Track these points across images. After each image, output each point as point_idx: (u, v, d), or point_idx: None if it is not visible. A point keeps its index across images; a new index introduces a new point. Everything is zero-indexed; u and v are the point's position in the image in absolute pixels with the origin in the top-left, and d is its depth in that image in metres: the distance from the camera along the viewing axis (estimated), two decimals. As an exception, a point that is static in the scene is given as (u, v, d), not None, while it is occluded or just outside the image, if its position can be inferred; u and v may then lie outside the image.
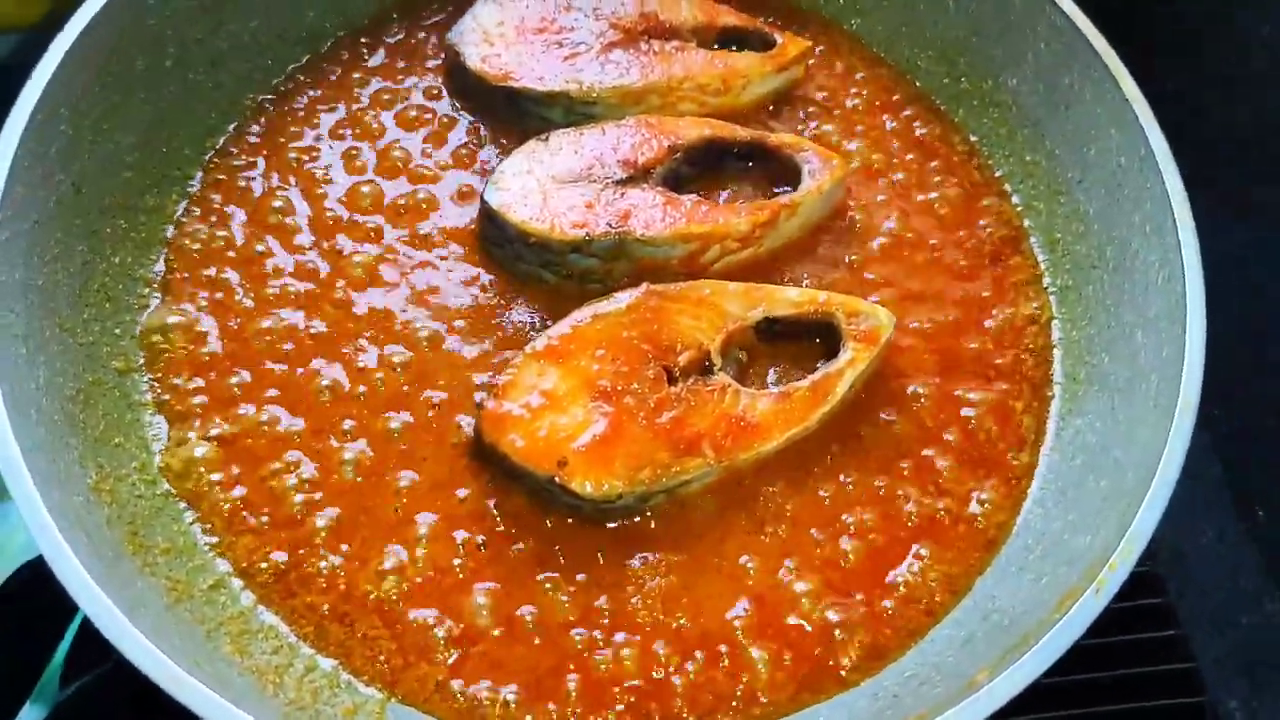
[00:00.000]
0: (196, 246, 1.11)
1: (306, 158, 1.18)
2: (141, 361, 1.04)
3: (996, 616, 0.93)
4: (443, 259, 1.12)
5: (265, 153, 1.18)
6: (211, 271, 1.10)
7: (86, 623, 1.14)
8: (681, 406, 0.99)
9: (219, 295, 1.08)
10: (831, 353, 1.05)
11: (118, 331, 1.05)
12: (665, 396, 1.00)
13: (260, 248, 1.11)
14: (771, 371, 1.07)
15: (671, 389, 1.00)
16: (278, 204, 1.14)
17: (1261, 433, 1.42)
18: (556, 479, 0.95)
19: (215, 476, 0.99)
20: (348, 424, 1.02)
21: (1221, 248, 1.39)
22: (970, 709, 0.78)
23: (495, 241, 1.11)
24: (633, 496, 0.96)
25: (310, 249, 1.12)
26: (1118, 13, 1.15)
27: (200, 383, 1.03)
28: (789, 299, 1.06)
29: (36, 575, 1.13)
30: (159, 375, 1.03)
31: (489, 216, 1.09)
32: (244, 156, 1.18)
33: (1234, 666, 1.32)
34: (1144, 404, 0.96)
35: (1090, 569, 0.85)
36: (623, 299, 1.05)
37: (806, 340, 1.07)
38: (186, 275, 1.09)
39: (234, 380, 1.04)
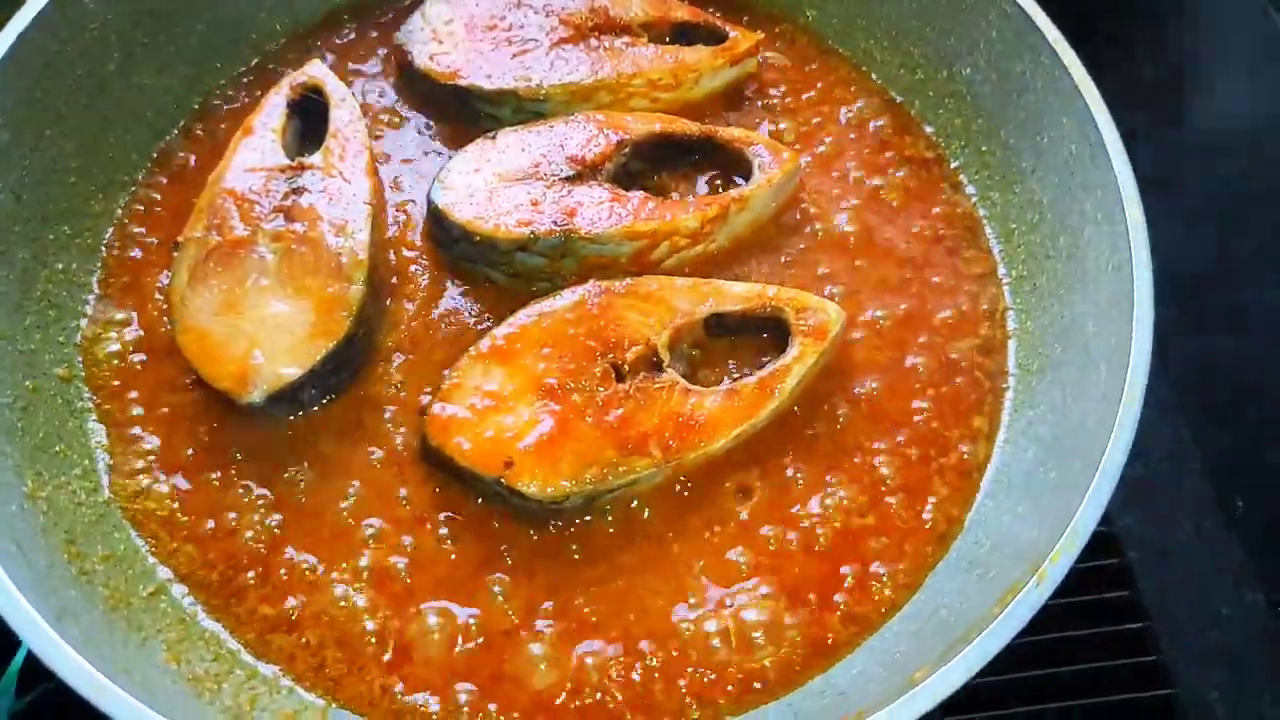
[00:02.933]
0: (139, 252, 1.10)
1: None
2: (83, 369, 1.03)
3: (944, 612, 0.92)
4: (391, 259, 1.11)
5: (211, 154, 1.17)
6: (156, 275, 1.09)
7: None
8: (629, 404, 0.98)
9: (160, 299, 1.07)
10: (781, 348, 1.04)
11: (61, 339, 1.04)
12: (613, 394, 0.99)
13: (206, 251, 1.10)
14: (726, 367, 1.05)
15: (620, 386, 0.99)
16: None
17: (1241, 425, 1.41)
18: (503, 480, 0.94)
19: (160, 486, 0.99)
20: (291, 431, 1.01)
21: (1201, 241, 1.39)
22: (905, 707, 0.77)
23: (442, 242, 1.10)
24: (580, 497, 0.95)
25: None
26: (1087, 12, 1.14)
27: (140, 392, 1.02)
28: (737, 294, 1.05)
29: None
30: (101, 382, 1.03)
31: (435, 216, 1.08)
32: (191, 158, 1.17)
33: (1215, 658, 1.31)
34: (1094, 394, 0.94)
35: (1034, 563, 0.84)
36: (568, 296, 1.04)
37: (756, 336, 1.06)
38: (128, 280, 1.08)
39: (176, 387, 1.03)
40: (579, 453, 0.96)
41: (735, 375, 1.04)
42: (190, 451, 1.00)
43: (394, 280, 1.09)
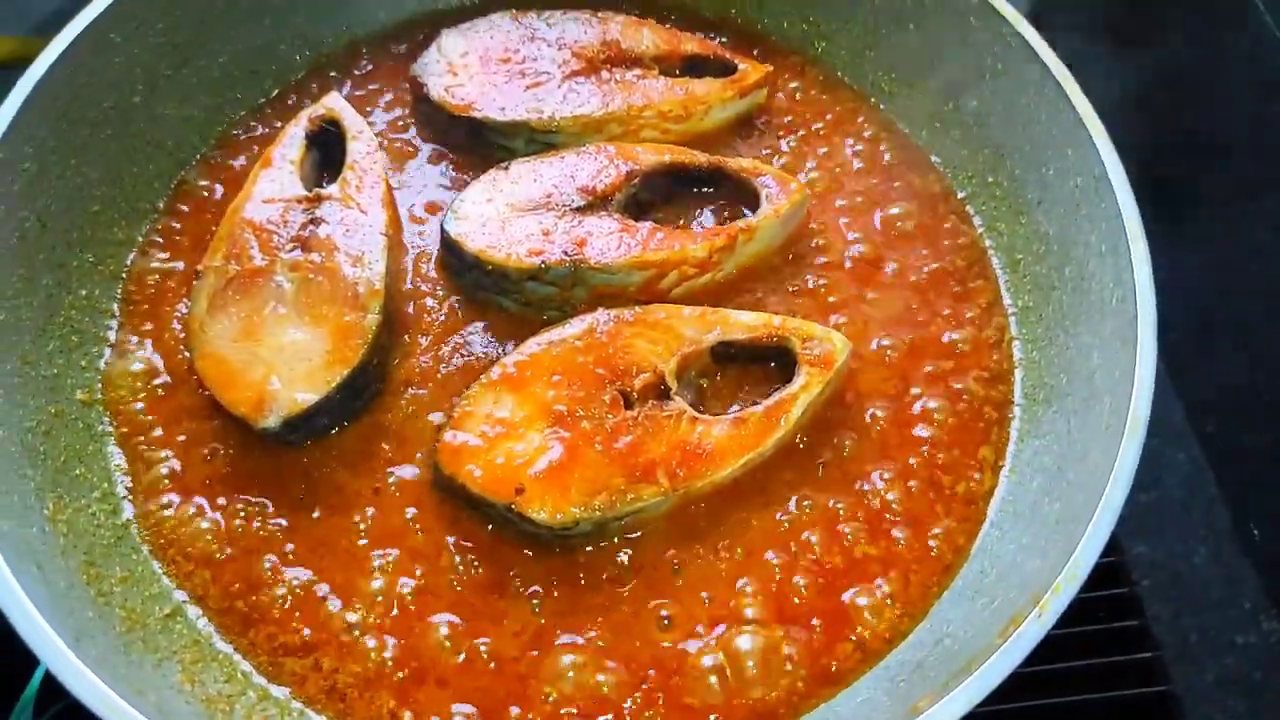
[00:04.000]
0: (159, 279, 1.13)
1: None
2: (103, 394, 1.05)
3: (948, 641, 0.93)
4: (405, 288, 1.13)
5: (231, 183, 1.19)
6: (176, 303, 1.12)
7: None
8: (638, 431, 1.00)
9: (179, 327, 1.10)
10: (788, 377, 1.05)
11: (83, 364, 1.06)
12: (621, 421, 1.00)
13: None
14: (733, 396, 1.07)
15: (628, 413, 1.01)
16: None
17: (1256, 451, 1.41)
18: (513, 507, 0.96)
19: (177, 510, 1.01)
20: (306, 458, 1.03)
21: (1214, 264, 1.39)
22: (907, 737, 0.78)
23: (455, 270, 1.12)
24: (590, 523, 0.97)
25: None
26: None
27: (159, 418, 1.05)
28: (744, 323, 1.06)
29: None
30: (121, 407, 1.05)
31: (448, 245, 1.10)
32: (211, 187, 1.19)
33: (1231, 686, 1.30)
34: (1097, 425, 0.95)
35: (1036, 594, 0.85)
36: (578, 324, 1.05)
37: (763, 365, 1.07)
38: (149, 307, 1.11)
39: (194, 413, 1.05)
40: (588, 480, 0.97)
41: (742, 404, 1.05)
42: (207, 476, 1.02)
43: (408, 309, 1.11)
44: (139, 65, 1.15)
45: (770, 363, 1.07)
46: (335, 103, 1.18)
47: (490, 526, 1.00)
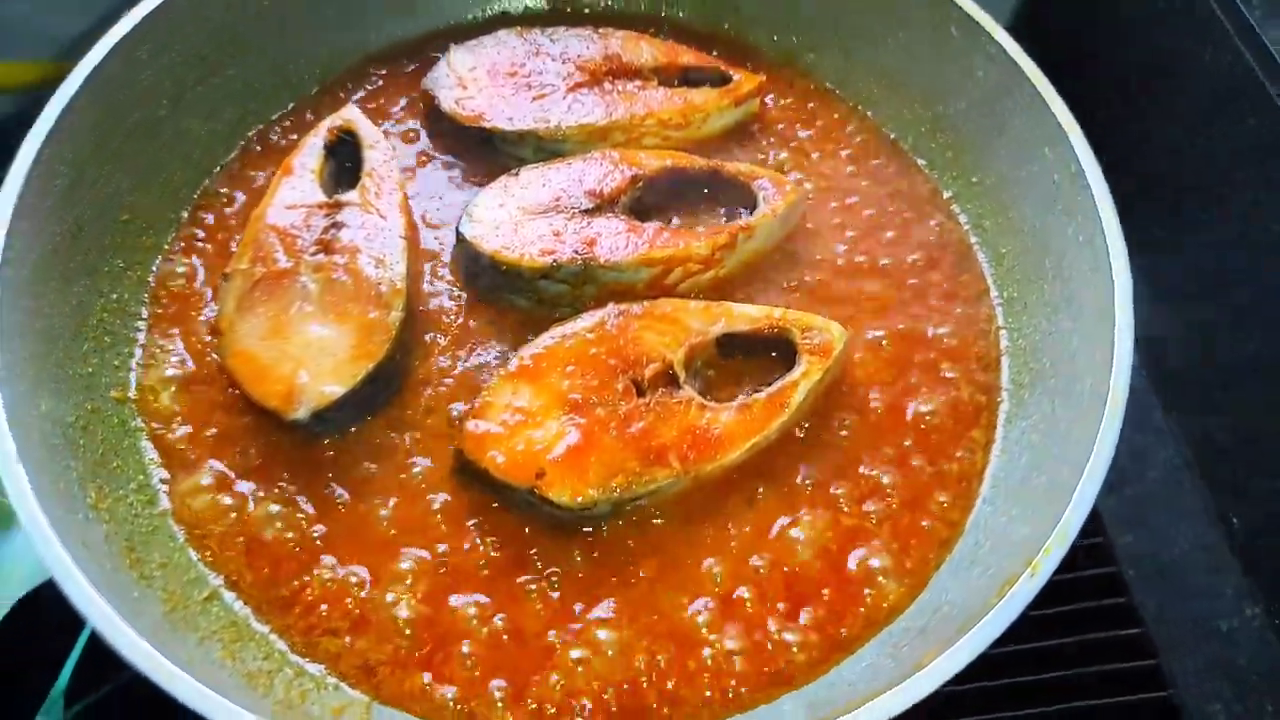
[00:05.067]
0: (183, 283, 1.18)
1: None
2: (135, 392, 1.10)
3: (947, 608, 0.99)
4: (422, 288, 1.19)
5: (251, 192, 1.25)
6: (201, 306, 1.17)
7: (89, 645, 1.21)
8: (650, 418, 1.05)
9: (205, 329, 1.15)
10: (789, 367, 1.11)
11: (115, 363, 1.11)
12: (634, 408, 1.06)
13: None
14: (738, 385, 1.12)
15: (640, 400, 1.06)
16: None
17: (1235, 442, 1.47)
18: (535, 489, 1.01)
19: (209, 500, 1.05)
20: (333, 450, 1.08)
21: (1196, 256, 1.45)
22: (914, 686, 0.83)
23: (470, 271, 1.18)
24: (607, 504, 1.02)
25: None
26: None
27: (188, 414, 1.09)
28: (747, 315, 1.12)
29: (41, 601, 1.20)
30: (152, 404, 1.10)
31: (464, 247, 1.16)
32: (232, 195, 1.25)
33: (1217, 672, 1.35)
34: (1079, 403, 1.01)
35: (1027, 557, 0.90)
36: (589, 318, 1.11)
37: (766, 355, 1.13)
38: (176, 309, 1.16)
39: (221, 409, 1.10)
40: (604, 463, 1.02)
41: (746, 392, 1.11)
42: (238, 469, 1.07)
43: (425, 309, 1.17)
44: (166, 79, 1.20)
45: (772, 353, 1.13)
46: (352, 114, 1.24)
47: (510, 509, 1.05)
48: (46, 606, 1.20)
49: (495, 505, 1.05)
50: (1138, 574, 1.41)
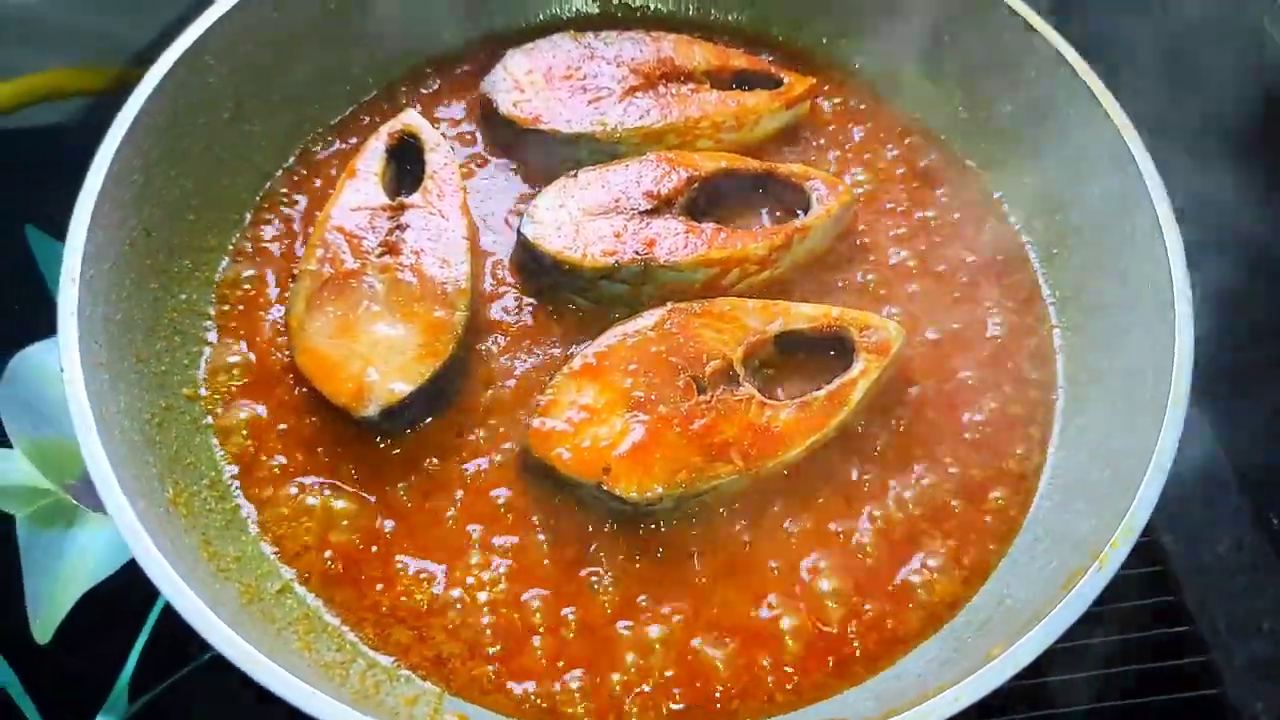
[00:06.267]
0: (249, 285, 1.20)
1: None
2: (205, 390, 1.12)
3: (1010, 602, 1.00)
4: (484, 289, 1.21)
5: (312, 194, 1.27)
6: (266, 305, 1.19)
7: (152, 640, 1.23)
8: (711, 415, 1.07)
9: (269, 328, 1.17)
10: (846, 366, 1.12)
11: (186, 362, 1.13)
12: (696, 405, 1.07)
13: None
14: (797, 383, 1.13)
15: (701, 398, 1.08)
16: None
17: (1275, 442, 1.46)
18: (603, 485, 1.02)
19: (279, 495, 1.07)
20: (399, 448, 1.10)
21: (1240, 250, 1.45)
22: (984, 679, 0.84)
23: (531, 271, 1.20)
24: (671, 499, 1.03)
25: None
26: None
27: (257, 412, 1.12)
28: (804, 314, 1.14)
29: (106, 595, 1.22)
30: (222, 402, 1.12)
31: (525, 247, 1.18)
32: (293, 198, 1.27)
33: (1258, 671, 1.35)
34: (1140, 397, 1.02)
35: (1094, 550, 0.92)
36: (649, 317, 1.13)
37: (824, 354, 1.15)
38: (242, 309, 1.18)
39: (289, 408, 1.12)
40: (668, 459, 1.04)
41: (805, 390, 1.12)
42: (307, 466, 1.09)
43: (485, 307, 1.19)
44: (229, 84, 1.22)
45: (830, 351, 1.14)
46: (412, 118, 1.26)
47: (575, 505, 1.06)
48: (108, 602, 1.23)
49: (560, 501, 1.07)
50: (1179, 574, 1.42)
